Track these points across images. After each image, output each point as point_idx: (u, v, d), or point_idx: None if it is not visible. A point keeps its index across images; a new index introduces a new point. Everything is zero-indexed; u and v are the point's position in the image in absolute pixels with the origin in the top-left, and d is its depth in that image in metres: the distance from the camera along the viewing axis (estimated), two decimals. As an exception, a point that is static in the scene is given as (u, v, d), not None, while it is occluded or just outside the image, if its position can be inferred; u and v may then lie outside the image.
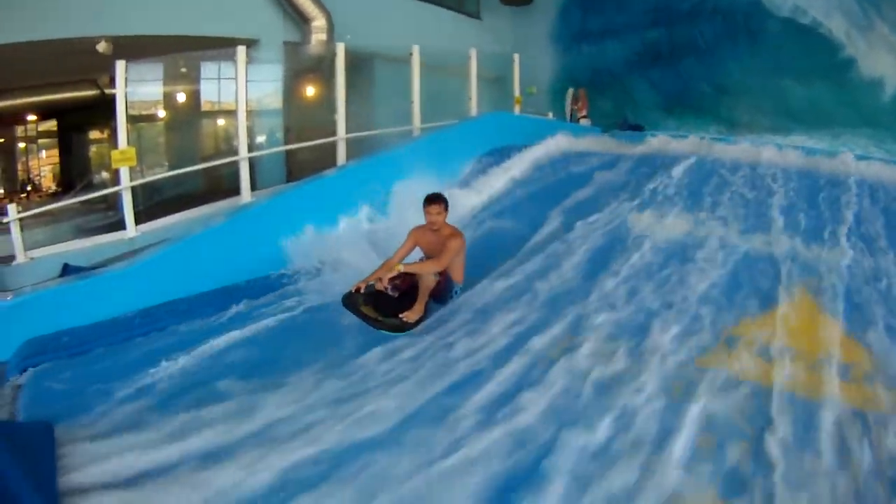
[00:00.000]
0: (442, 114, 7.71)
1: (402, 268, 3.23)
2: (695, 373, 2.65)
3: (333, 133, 6.88)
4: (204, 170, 6.80)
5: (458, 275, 3.57)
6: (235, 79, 6.06)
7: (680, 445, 2.14)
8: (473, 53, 8.20)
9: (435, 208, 3.40)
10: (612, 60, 10.94)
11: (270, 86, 8.51)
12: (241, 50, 5.91)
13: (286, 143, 8.18)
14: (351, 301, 3.22)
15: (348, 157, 6.77)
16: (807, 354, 2.83)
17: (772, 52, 10.03)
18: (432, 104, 7.86)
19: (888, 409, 2.41)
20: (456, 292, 3.58)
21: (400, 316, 3.25)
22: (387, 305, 3.32)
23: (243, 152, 5.97)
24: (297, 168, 7.70)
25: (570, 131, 7.16)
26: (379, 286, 3.31)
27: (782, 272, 3.68)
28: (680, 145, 6.48)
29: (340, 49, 6.97)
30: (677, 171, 5.31)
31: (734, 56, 10.18)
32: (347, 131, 7.10)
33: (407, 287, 3.45)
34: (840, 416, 2.34)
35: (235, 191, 6.00)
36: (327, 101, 7.36)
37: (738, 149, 6.13)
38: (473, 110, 8.08)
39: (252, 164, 6.41)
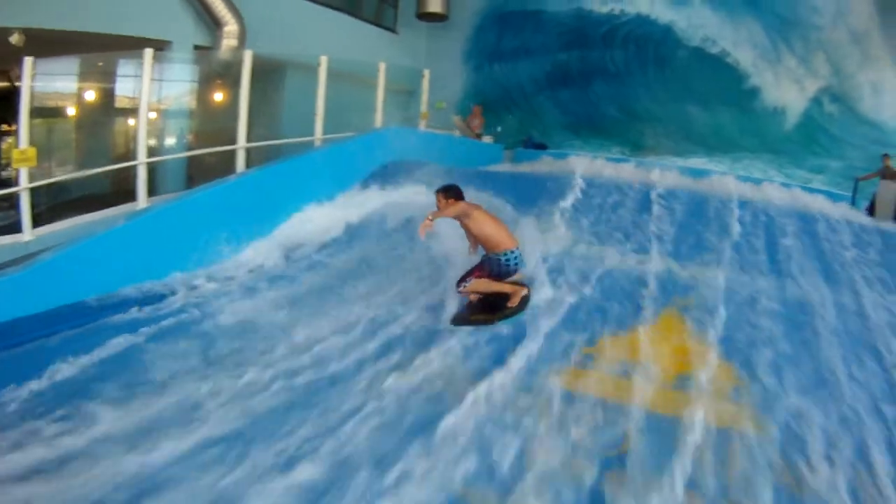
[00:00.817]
0: (349, 125, 8.55)
1: (430, 215, 3.68)
2: (546, 391, 2.98)
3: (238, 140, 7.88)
4: (112, 170, 7.28)
5: (491, 245, 3.87)
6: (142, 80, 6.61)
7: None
8: (382, 66, 9.24)
9: (439, 196, 4.11)
10: (523, 80, 12.45)
11: (179, 89, 9.43)
12: (147, 53, 6.38)
13: (192, 147, 9.02)
14: (461, 320, 3.86)
15: (255, 164, 7.20)
16: (667, 372, 3.17)
17: (679, 79, 11.76)
18: (340, 115, 8.78)
19: (747, 428, 2.72)
20: (507, 259, 3.82)
21: (509, 306, 3.89)
22: (486, 308, 3.97)
23: (141, 157, 6.35)
24: (203, 173, 8.22)
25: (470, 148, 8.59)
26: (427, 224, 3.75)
27: (653, 290, 4.19)
28: (567, 164, 7.79)
29: (247, 57, 7.83)
30: (567, 190, 6.14)
31: (643, 81, 11.90)
32: (254, 139, 8.09)
33: (481, 295, 4.04)
34: (698, 435, 2.62)
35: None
36: (234, 107, 7.89)
37: (627, 168, 7.60)
38: (378, 123, 9.03)
39: (155, 167, 7.14)
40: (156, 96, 8.66)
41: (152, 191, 6.66)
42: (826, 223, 5.91)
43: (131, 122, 9.49)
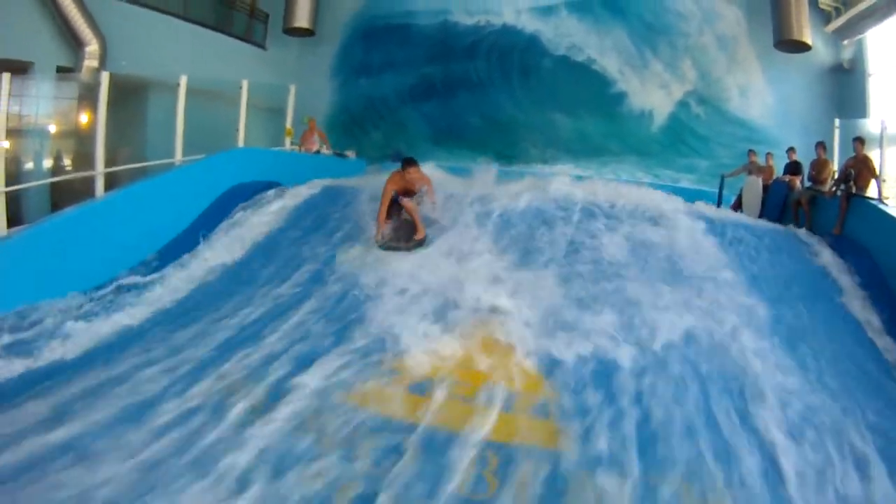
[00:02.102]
0: (213, 145, 9.58)
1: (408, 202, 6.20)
2: (338, 407, 3.35)
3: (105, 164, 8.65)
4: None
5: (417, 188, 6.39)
6: (-1, 104, 7.02)
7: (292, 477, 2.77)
8: (245, 84, 10.59)
9: (413, 168, 6.42)
10: (389, 93, 14.10)
11: (42, 111, 10.67)
12: (4, 77, 7.11)
13: (57, 172, 10.17)
14: (386, 245, 5.93)
15: (117, 187, 7.89)
16: (464, 386, 3.57)
17: (545, 87, 13.52)
18: (205, 135, 10.10)
19: (545, 441, 3.08)
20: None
21: (415, 238, 6.00)
22: (405, 234, 6.03)
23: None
24: (69, 198, 8.55)
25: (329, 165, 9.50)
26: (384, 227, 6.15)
27: (469, 299, 4.74)
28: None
29: (104, 78, 8.87)
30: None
31: (507, 91, 13.63)
32: (117, 161, 9.29)
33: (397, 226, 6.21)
34: (479, 450, 2.98)
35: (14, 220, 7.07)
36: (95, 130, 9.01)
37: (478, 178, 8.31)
38: (241, 142, 10.40)
39: (15, 195, 7.73)
40: (15, 120, 9.69)
41: (17, 220, 7.33)
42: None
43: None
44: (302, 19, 13.94)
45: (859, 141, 7.98)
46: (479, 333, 4.35)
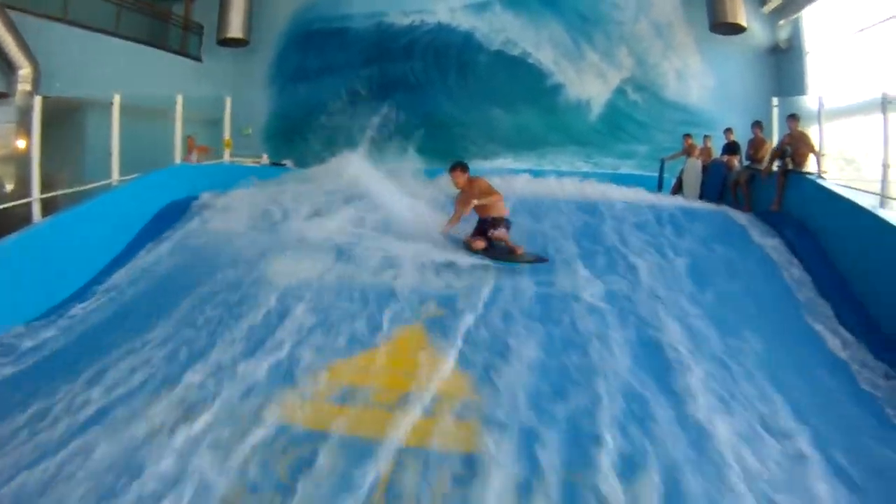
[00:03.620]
0: (152, 163, 9.70)
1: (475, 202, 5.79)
2: (254, 416, 3.42)
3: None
4: None
5: (499, 210, 5.84)
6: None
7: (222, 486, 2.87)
8: (179, 99, 10.84)
9: (453, 174, 5.93)
10: (326, 98, 14.29)
11: None
12: None
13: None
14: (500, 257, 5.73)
15: (55, 212, 7.96)
16: (386, 393, 3.64)
17: (481, 84, 13.87)
18: (142, 152, 10.37)
19: (465, 447, 3.14)
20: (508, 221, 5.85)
21: (520, 253, 5.76)
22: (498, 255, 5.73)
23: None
24: (9, 224, 8.47)
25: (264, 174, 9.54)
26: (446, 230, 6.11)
27: (399, 305, 4.80)
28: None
29: (36, 103, 9.15)
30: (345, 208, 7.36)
31: (444, 89, 13.94)
32: (55, 185, 9.50)
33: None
34: (394, 456, 3.04)
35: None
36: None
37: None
38: (178, 160, 10.67)
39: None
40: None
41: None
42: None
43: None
44: (235, 29, 14.24)
45: (793, 118, 8.27)
46: (412, 337, 4.48)
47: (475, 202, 5.77)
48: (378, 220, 6.81)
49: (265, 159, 12.78)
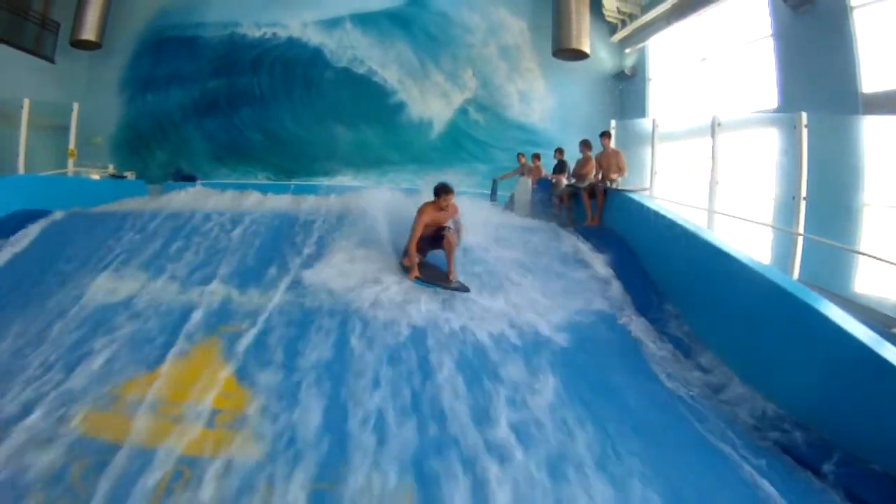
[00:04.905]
0: None
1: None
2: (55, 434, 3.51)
3: None
4: None
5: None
6: None
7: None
8: (26, 103, 10.87)
9: (450, 197, 5.69)
10: (173, 109, 14.67)
11: None
12: None
13: None
14: (427, 280, 5.55)
15: None
16: (175, 405, 3.86)
17: (326, 100, 14.56)
18: None
19: (234, 454, 3.39)
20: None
21: (451, 280, 5.60)
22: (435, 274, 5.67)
23: None
24: None
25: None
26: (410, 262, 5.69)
27: (197, 321, 5.00)
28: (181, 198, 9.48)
29: None
30: (153, 225, 7.46)
31: (288, 105, 14.56)
32: None
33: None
34: (169, 464, 3.27)
35: None
36: None
37: (227, 197, 9.50)
38: (21, 167, 10.61)
39: None
40: None
41: None
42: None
43: None
44: (90, 31, 13.86)
45: (605, 135, 8.91)
46: (204, 352, 4.67)
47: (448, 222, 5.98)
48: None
49: (110, 170, 12.86)
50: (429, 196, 5.97)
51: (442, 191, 5.71)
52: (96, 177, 12.45)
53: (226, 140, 14.86)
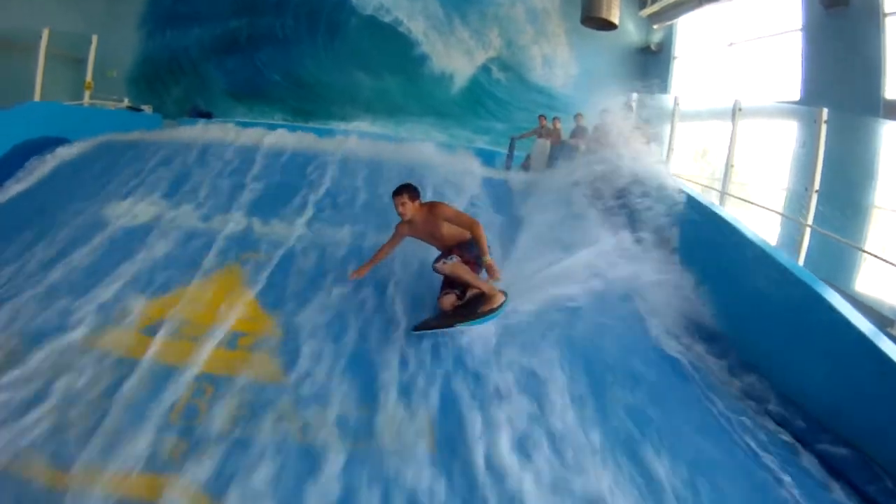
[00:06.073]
0: (12, 97, 9.53)
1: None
2: (79, 351, 3.70)
3: None
4: None
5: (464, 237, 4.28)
6: None
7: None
8: (45, 33, 10.74)
9: (397, 200, 4.20)
10: (192, 46, 14.61)
11: None
12: None
13: None
14: (423, 325, 4.16)
15: None
16: (197, 326, 4.01)
17: (349, 47, 14.50)
18: (2, 86, 10.36)
19: (256, 375, 3.60)
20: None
21: (485, 307, 4.16)
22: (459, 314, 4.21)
23: None
24: None
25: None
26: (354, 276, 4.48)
27: (219, 249, 5.19)
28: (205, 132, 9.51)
29: None
30: (182, 158, 7.68)
31: (310, 48, 14.46)
32: None
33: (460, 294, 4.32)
34: (190, 381, 3.48)
35: None
36: None
37: (250, 133, 9.38)
38: (38, 95, 10.60)
39: None
40: None
41: None
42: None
43: None
44: None
45: (579, 115, 9.71)
46: (226, 277, 4.81)
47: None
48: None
49: (126, 103, 12.86)
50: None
51: (394, 193, 4.28)
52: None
53: (244, 79, 14.81)
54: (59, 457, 3.00)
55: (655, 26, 15.52)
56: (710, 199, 7.06)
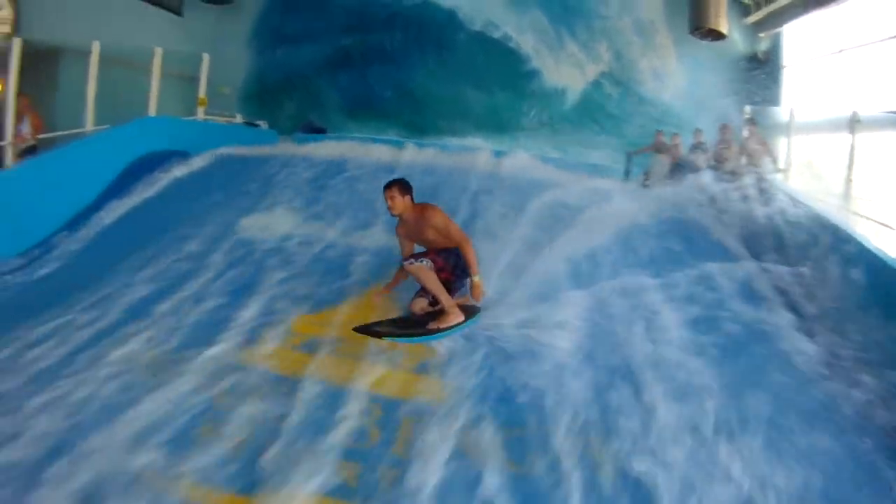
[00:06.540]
0: (125, 114, 9.91)
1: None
2: (232, 366, 3.71)
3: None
4: None
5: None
6: None
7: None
8: (158, 52, 11.17)
9: (387, 194, 4.14)
10: (304, 64, 14.61)
11: None
12: None
13: None
14: (364, 328, 4.05)
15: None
16: (351, 344, 3.98)
17: (459, 62, 14.31)
18: (116, 103, 10.53)
19: (422, 395, 3.55)
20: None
21: (428, 327, 4.04)
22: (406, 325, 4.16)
23: None
24: None
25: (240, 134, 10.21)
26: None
27: (369, 266, 5.26)
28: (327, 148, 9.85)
29: (16, 45, 9.32)
30: (308, 172, 7.99)
31: (421, 64, 14.34)
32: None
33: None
34: (357, 401, 3.43)
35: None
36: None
37: (379, 149, 9.77)
38: (153, 111, 10.95)
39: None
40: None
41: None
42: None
43: None
44: None
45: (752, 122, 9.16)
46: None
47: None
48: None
49: (238, 119, 13.08)
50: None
51: (384, 187, 4.25)
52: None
53: (356, 95, 14.81)
54: (238, 481, 2.93)
55: (762, 34, 14.97)
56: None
